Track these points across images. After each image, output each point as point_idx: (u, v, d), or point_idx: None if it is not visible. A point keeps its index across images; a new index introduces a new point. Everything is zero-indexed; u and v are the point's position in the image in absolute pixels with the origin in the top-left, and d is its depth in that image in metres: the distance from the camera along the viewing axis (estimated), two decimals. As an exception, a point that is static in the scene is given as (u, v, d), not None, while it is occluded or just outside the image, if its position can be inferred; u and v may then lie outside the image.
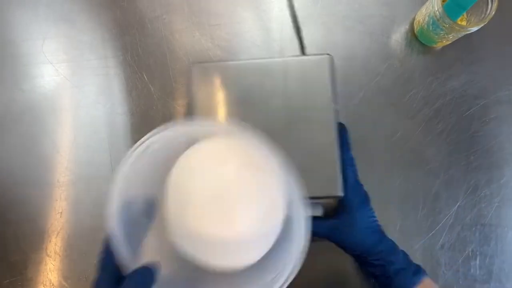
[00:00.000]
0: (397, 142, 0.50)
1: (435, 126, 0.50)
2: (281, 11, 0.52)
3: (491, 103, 0.51)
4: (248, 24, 0.51)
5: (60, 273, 0.52)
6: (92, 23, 0.54)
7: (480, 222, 0.49)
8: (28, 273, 0.52)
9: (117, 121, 0.52)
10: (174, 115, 0.51)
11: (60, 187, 0.52)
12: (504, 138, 0.50)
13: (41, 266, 0.52)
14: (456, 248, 0.49)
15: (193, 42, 0.52)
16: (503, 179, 0.50)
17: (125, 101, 0.52)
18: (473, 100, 0.51)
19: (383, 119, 0.51)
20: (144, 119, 0.52)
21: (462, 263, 0.49)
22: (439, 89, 0.51)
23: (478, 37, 0.51)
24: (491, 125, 0.50)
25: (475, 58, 0.51)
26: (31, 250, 0.52)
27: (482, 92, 0.51)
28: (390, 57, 0.51)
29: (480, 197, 0.49)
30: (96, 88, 0.53)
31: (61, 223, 0.52)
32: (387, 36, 0.51)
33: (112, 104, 0.52)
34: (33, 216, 0.52)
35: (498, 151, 0.50)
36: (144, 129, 0.51)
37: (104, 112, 0.52)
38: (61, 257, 0.52)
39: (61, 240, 0.52)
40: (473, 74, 0.51)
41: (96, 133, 0.52)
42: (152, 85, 0.52)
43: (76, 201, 0.52)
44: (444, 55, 0.51)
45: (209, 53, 0.51)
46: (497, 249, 0.49)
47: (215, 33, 0.51)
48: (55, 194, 0.52)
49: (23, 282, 0.52)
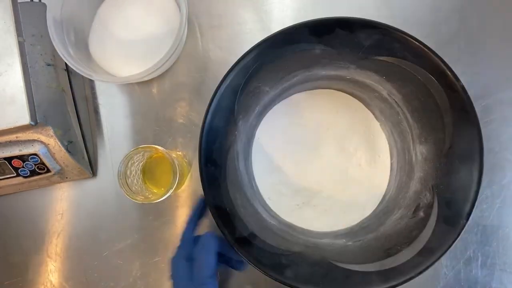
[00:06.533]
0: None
1: (436, 127, 0.50)
2: (282, 12, 0.52)
3: (493, 104, 0.50)
4: (249, 25, 0.51)
5: (60, 274, 0.52)
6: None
7: (482, 223, 0.49)
8: (29, 274, 0.52)
9: (117, 121, 0.52)
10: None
11: (61, 188, 0.52)
12: (506, 139, 0.50)
13: (42, 267, 0.52)
14: (458, 249, 0.49)
15: (194, 42, 0.52)
16: (505, 180, 0.50)
17: (125, 101, 0.52)
18: (474, 100, 0.50)
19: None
20: (145, 119, 0.52)
21: (463, 264, 0.48)
22: (440, 89, 0.51)
23: (479, 37, 0.51)
24: (492, 126, 0.50)
25: (476, 59, 0.51)
26: (32, 252, 0.52)
27: (483, 93, 0.50)
28: (391, 57, 0.51)
29: (482, 198, 0.49)
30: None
31: (61, 225, 0.52)
32: (388, 37, 0.51)
33: (112, 104, 0.52)
34: (34, 218, 0.52)
35: (499, 152, 0.50)
36: (144, 128, 0.52)
37: (104, 112, 0.52)
38: (62, 258, 0.52)
39: (61, 242, 0.52)
40: (475, 75, 0.51)
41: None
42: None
43: (76, 202, 0.52)
44: (445, 55, 0.51)
45: (209, 54, 0.51)
46: (499, 250, 0.48)
47: (216, 34, 0.52)
48: (56, 195, 0.52)
49: (24, 284, 0.52)
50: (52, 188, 0.52)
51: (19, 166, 0.46)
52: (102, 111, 0.52)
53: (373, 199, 0.48)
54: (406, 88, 0.42)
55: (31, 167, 0.46)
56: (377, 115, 0.49)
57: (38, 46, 0.45)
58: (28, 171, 0.46)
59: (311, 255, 0.40)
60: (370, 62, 0.41)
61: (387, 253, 0.39)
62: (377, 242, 0.42)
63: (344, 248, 0.42)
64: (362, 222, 0.47)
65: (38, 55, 0.45)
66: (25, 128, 0.42)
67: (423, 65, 0.38)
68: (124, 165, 0.42)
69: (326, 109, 0.49)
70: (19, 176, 0.47)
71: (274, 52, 0.39)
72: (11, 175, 0.47)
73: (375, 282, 0.36)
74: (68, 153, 0.46)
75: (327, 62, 0.42)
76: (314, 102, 0.49)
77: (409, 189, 0.44)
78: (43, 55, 0.45)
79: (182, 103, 0.51)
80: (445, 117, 0.39)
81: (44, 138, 0.44)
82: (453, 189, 0.37)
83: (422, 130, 0.42)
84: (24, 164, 0.46)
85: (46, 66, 0.46)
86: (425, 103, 0.41)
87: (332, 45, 0.40)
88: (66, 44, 0.45)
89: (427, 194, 0.41)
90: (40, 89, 0.43)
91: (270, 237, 0.40)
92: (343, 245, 0.43)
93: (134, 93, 0.52)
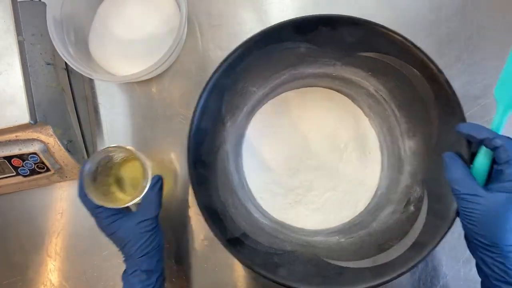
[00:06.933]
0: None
1: (436, 127, 0.50)
2: (282, 12, 0.52)
3: (493, 103, 0.50)
4: (249, 25, 0.51)
5: (60, 273, 0.52)
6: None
7: (482, 223, 0.49)
8: (29, 274, 0.52)
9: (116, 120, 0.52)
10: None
11: (61, 187, 0.52)
12: (506, 139, 0.50)
13: (42, 267, 0.52)
14: (458, 249, 0.48)
15: (193, 42, 0.52)
16: (505, 179, 0.50)
17: (126, 100, 0.52)
18: (474, 100, 0.50)
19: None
20: (144, 119, 0.52)
21: (463, 264, 0.48)
22: (440, 89, 0.51)
23: (479, 37, 0.51)
24: (492, 125, 0.50)
25: (476, 59, 0.51)
26: (32, 251, 0.52)
27: (483, 92, 0.50)
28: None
29: (481, 198, 0.49)
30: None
31: (61, 224, 0.52)
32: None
33: (111, 103, 0.52)
34: (34, 217, 0.52)
35: (499, 152, 0.50)
36: (144, 128, 0.52)
37: (104, 111, 0.52)
38: (62, 257, 0.52)
39: (61, 241, 0.52)
40: (474, 75, 0.51)
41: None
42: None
43: (76, 201, 0.52)
44: (444, 55, 0.51)
45: (209, 53, 0.51)
46: (499, 250, 0.48)
47: (216, 33, 0.52)
48: (56, 194, 0.52)
49: (24, 283, 0.52)
50: (52, 187, 0.52)
51: (19, 165, 0.46)
52: (101, 110, 0.52)
53: (365, 195, 0.48)
54: (392, 83, 0.42)
55: (31, 166, 0.46)
56: (366, 111, 0.49)
57: (38, 45, 0.45)
58: (27, 170, 0.46)
59: (304, 253, 0.40)
60: (355, 58, 0.41)
61: (380, 249, 0.39)
62: (369, 238, 0.42)
63: (337, 246, 0.42)
64: (355, 218, 0.47)
65: (38, 54, 0.45)
66: (25, 127, 0.42)
67: (407, 59, 0.39)
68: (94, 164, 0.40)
69: (315, 107, 0.50)
70: (19, 175, 0.47)
71: (259, 51, 0.39)
72: (11, 174, 0.47)
73: (368, 278, 0.37)
74: (67, 152, 0.46)
75: (313, 60, 0.42)
76: (302, 100, 0.50)
77: (399, 184, 0.44)
78: (43, 54, 0.45)
79: (182, 102, 0.51)
80: (431, 111, 0.39)
81: (44, 137, 0.44)
82: (442, 182, 0.37)
83: (409, 125, 0.43)
84: (23, 163, 0.46)
85: (46, 65, 0.46)
86: (411, 98, 0.41)
87: (316, 42, 0.40)
88: (66, 43, 0.45)
89: (417, 188, 0.41)
90: (40, 88, 0.43)
91: (263, 237, 0.41)
92: (336, 243, 0.43)
93: (134, 92, 0.52)
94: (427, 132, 0.40)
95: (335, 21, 0.38)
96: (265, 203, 0.48)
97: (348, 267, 0.38)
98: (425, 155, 0.41)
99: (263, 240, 0.40)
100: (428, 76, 0.38)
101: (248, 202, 0.45)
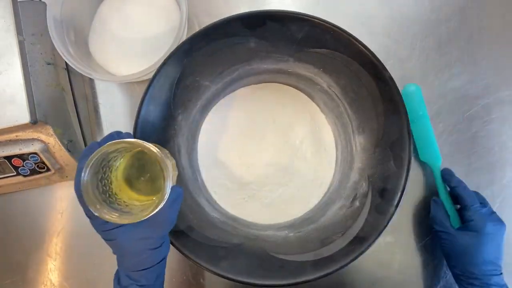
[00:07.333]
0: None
1: (436, 127, 0.50)
2: (282, 12, 0.52)
3: (493, 103, 0.50)
4: (248, 25, 0.51)
5: (60, 273, 0.52)
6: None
7: (482, 223, 0.49)
8: (29, 273, 0.52)
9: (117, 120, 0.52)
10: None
11: (61, 187, 0.52)
12: (506, 138, 0.50)
13: (42, 266, 0.52)
14: (457, 249, 0.49)
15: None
16: (505, 179, 0.50)
17: (126, 100, 0.52)
18: (474, 100, 0.50)
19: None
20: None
21: (463, 264, 0.48)
22: (440, 89, 0.51)
23: (479, 37, 0.51)
24: (492, 125, 0.50)
25: (476, 58, 0.51)
26: (32, 250, 0.52)
27: (483, 92, 0.50)
28: (391, 57, 0.51)
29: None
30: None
31: (61, 224, 0.52)
32: (387, 37, 0.51)
33: (112, 103, 0.52)
34: (34, 216, 0.52)
35: (499, 152, 0.50)
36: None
37: (104, 111, 0.52)
38: (62, 257, 0.52)
39: (62, 241, 0.52)
40: (474, 74, 0.51)
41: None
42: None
43: (76, 201, 0.52)
44: (445, 55, 0.51)
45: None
46: (499, 250, 0.48)
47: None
48: (56, 194, 0.52)
49: (24, 282, 0.52)
50: (52, 187, 0.52)
51: (19, 165, 0.46)
52: (102, 110, 0.52)
53: (318, 191, 0.48)
54: (342, 80, 0.43)
55: (31, 166, 0.46)
56: (322, 108, 0.49)
57: (38, 45, 0.45)
58: (28, 170, 0.46)
59: (251, 247, 0.41)
60: (306, 54, 0.41)
61: (323, 243, 0.40)
62: (315, 232, 0.42)
63: (284, 240, 0.43)
64: (306, 213, 0.47)
65: (38, 54, 0.45)
66: (25, 127, 0.42)
67: (353, 56, 0.39)
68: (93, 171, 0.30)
69: (271, 102, 0.50)
70: (19, 175, 0.47)
71: (208, 44, 0.40)
72: (11, 174, 0.47)
73: (309, 270, 0.38)
74: (68, 152, 0.46)
75: (265, 56, 0.43)
76: (259, 96, 0.50)
77: (349, 180, 0.45)
78: (43, 54, 0.45)
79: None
80: (377, 107, 0.40)
81: (44, 137, 0.44)
82: (385, 177, 0.39)
83: (359, 121, 0.44)
84: (24, 163, 0.46)
85: (46, 65, 0.46)
86: (360, 94, 0.42)
87: (265, 37, 0.40)
88: (66, 43, 0.45)
89: (364, 184, 0.42)
90: (40, 88, 0.43)
91: (210, 230, 0.41)
92: (284, 237, 0.43)
93: (134, 92, 0.52)
94: (374, 128, 0.41)
95: (282, 17, 0.39)
96: (219, 197, 0.48)
97: (291, 260, 0.39)
98: (372, 151, 0.42)
99: (209, 233, 0.40)
100: (374, 73, 0.39)
101: (201, 196, 0.45)
